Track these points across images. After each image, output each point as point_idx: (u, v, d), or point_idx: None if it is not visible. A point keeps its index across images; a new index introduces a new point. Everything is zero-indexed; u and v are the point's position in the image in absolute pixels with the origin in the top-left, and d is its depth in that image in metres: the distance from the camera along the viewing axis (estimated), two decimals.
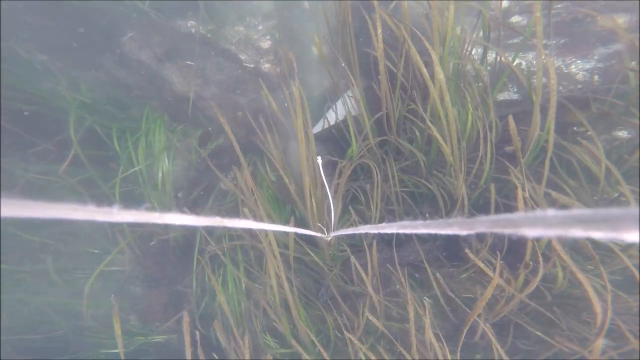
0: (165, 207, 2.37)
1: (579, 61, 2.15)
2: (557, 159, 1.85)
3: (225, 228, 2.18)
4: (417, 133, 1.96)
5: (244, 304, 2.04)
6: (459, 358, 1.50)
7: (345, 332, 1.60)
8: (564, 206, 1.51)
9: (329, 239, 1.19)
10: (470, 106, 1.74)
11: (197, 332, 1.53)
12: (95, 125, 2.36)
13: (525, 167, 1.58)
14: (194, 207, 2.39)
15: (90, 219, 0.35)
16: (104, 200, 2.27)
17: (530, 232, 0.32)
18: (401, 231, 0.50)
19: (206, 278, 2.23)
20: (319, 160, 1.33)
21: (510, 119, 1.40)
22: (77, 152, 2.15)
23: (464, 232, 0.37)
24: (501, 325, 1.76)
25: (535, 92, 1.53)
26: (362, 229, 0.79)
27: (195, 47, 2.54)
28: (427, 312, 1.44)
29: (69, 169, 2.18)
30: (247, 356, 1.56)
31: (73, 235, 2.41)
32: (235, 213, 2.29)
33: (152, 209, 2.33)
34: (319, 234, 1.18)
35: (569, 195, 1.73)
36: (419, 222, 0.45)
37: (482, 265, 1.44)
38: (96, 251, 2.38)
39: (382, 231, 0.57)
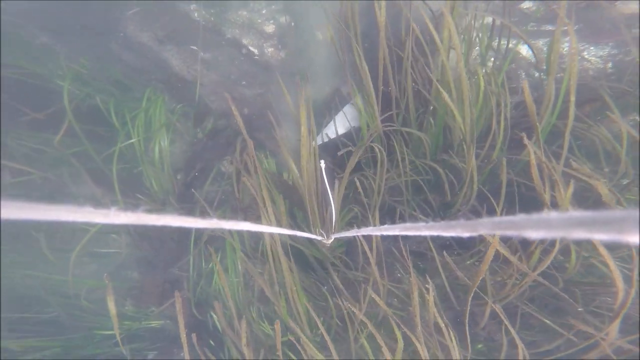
0: (164, 188, 2.35)
1: (592, 48, 2.09)
2: (574, 143, 1.82)
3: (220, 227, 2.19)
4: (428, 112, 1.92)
5: (241, 290, 2.06)
6: (468, 339, 1.52)
7: (348, 307, 1.60)
8: (584, 180, 1.48)
9: (329, 242, 1.19)
10: (480, 72, 1.71)
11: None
12: (95, 101, 2.34)
13: (541, 142, 1.54)
14: (192, 188, 2.38)
15: (88, 220, 0.35)
16: (99, 176, 2.25)
17: (532, 234, 0.32)
18: (403, 233, 0.50)
19: (202, 263, 2.23)
20: (322, 164, 1.33)
21: (525, 84, 1.37)
22: (72, 122, 2.10)
23: (466, 234, 0.37)
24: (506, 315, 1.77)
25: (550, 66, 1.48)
26: (364, 231, 0.78)
27: (197, 31, 2.51)
28: (430, 291, 1.45)
29: (66, 140, 2.16)
30: (244, 340, 1.60)
31: None
32: (232, 195, 2.29)
33: (151, 187, 2.30)
34: (318, 237, 1.18)
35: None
36: (421, 224, 0.45)
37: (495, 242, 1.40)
38: (91, 228, 2.33)
39: (383, 233, 0.57)
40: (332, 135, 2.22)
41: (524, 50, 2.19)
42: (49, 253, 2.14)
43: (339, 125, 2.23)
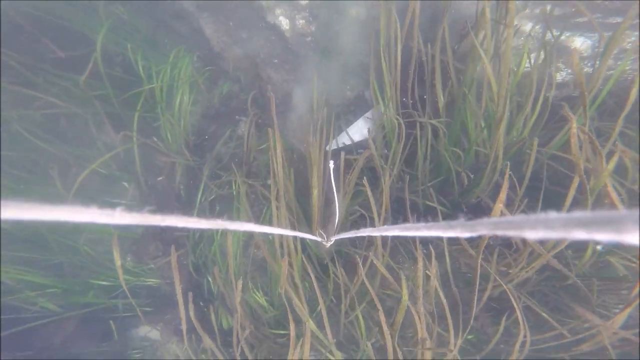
0: (178, 142, 2.37)
1: None
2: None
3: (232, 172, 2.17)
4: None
5: (239, 257, 2.06)
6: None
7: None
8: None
9: (328, 244, 1.18)
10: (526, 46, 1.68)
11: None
12: (125, 50, 2.38)
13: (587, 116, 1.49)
14: (204, 151, 2.40)
15: (92, 221, 0.36)
16: (118, 120, 2.25)
17: (532, 234, 0.32)
18: (403, 234, 0.50)
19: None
20: (331, 164, 1.33)
21: (574, 52, 1.34)
22: (99, 66, 2.14)
23: (465, 235, 0.37)
24: (500, 310, 1.76)
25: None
26: (364, 232, 0.78)
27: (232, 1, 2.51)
28: (432, 261, 1.43)
29: (92, 83, 2.21)
30: (238, 299, 1.59)
31: (83, 157, 2.42)
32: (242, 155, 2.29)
33: (166, 139, 2.24)
34: (319, 239, 1.17)
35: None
36: (421, 224, 0.45)
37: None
38: (104, 172, 2.37)
39: (384, 234, 0.57)
40: (348, 142, 2.22)
41: (579, 42, 2.11)
42: (62, 188, 2.14)
43: (355, 133, 2.23)
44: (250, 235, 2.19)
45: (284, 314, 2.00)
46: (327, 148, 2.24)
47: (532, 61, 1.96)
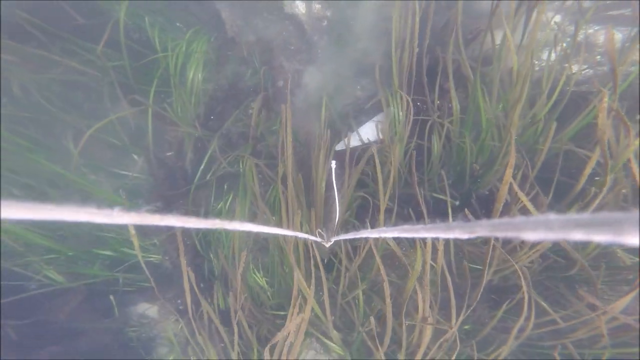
0: (188, 118, 2.40)
1: None
2: None
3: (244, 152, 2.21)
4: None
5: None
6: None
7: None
8: None
9: (328, 245, 1.19)
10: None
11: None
12: (143, 23, 2.44)
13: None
14: (213, 129, 2.42)
15: (91, 220, 0.36)
16: (132, 93, 2.27)
17: (531, 236, 0.32)
18: (402, 235, 0.51)
19: (212, 199, 2.27)
20: (333, 164, 1.33)
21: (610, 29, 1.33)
22: (119, 34, 2.19)
23: (464, 236, 0.37)
24: (498, 302, 1.80)
25: None
26: (363, 234, 0.78)
27: None
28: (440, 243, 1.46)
29: (108, 52, 2.25)
30: (240, 270, 1.63)
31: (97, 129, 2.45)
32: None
33: (177, 113, 2.28)
34: (319, 239, 1.17)
35: None
36: (420, 226, 0.45)
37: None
38: (118, 143, 2.41)
39: (383, 235, 0.57)
40: (356, 143, 2.21)
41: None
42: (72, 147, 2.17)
43: (366, 133, 2.23)
44: (254, 214, 2.20)
45: (283, 294, 2.03)
46: (335, 147, 2.25)
47: (552, 54, 1.93)
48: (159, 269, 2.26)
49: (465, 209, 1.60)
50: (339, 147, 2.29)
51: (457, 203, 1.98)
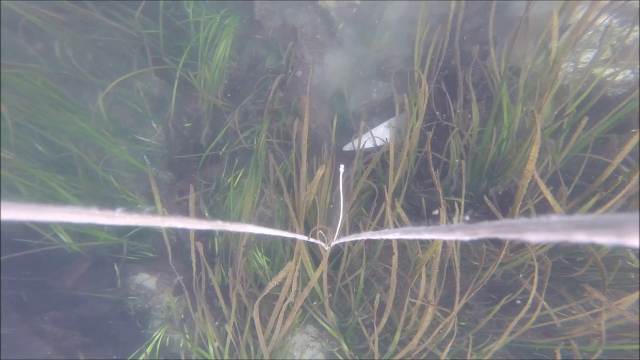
0: (210, 91, 2.46)
1: None
2: None
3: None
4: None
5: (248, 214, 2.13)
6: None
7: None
8: None
9: (327, 248, 1.19)
10: None
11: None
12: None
13: None
14: (232, 104, 2.48)
15: (93, 222, 0.36)
16: (161, 63, 2.32)
17: (533, 237, 0.32)
18: (404, 237, 0.51)
19: (223, 174, 2.32)
20: (341, 168, 1.32)
21: None
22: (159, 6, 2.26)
23: (466, 238, 0.37)
24: (496, 301, 1.78)
25: None
26: (364, 235, 0.78)
27: None
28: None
29: (144, 19, 2.33)
30: (243, 242, 1.66)
31: (124, 95, 2.53)
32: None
33: (199, 87, 2.33)
34: (319, 242, 1.17)
35: None
36: (422, 227, 0.45)
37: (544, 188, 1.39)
38: (140, 110, 2.48)
39: (384, 237, 0.57)
40: (370, 145, 2.20)
41: None
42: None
43: (378, 135, 2.21)
44: (261, 193, 2.23)
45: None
46: (345, 148, 2.27)
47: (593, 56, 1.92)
48: (162, 240, 2.30)
49: (484, 197, 1.59)
50: (347, 147, 2.28)
51: (469, 212, 1.98)
